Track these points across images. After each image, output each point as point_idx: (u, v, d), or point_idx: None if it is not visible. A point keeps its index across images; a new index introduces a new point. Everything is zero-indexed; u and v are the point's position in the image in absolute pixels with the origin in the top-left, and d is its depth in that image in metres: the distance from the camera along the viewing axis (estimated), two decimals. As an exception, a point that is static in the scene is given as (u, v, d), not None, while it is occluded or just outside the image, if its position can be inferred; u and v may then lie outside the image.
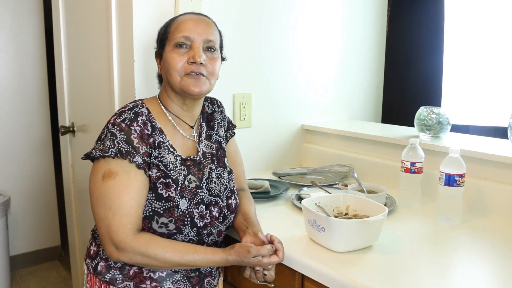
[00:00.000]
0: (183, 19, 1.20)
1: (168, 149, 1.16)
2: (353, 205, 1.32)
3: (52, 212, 3.33)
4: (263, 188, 1.66)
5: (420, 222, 1.42)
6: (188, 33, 1.16)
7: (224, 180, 1.26)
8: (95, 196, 1.10)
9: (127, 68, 1.62)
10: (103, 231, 1.08)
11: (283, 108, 2.06)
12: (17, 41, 3.04)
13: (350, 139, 1.98)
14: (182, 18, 1.20)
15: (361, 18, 2.32)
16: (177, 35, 1.16)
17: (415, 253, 1.19)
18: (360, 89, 2.40)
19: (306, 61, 2.11)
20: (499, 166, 1.48)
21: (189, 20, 1.19)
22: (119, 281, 1.15)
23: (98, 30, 1.81)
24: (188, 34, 1.16)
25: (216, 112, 1.36)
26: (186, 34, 1.16)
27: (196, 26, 1.18)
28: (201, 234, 1.18)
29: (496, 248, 1.23)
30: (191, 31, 1.16)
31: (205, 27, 1.19)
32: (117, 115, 1.13)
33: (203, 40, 1.17)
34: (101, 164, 1.10)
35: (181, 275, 1.18)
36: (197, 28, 1.17)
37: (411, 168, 1.51)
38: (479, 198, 1.51)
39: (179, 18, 1.21)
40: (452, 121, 1.77)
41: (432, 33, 2.27)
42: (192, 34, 1.16)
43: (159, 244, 1.08)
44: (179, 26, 1.18)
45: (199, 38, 1.17)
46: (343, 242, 1.16)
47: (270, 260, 1.10)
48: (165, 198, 1.12)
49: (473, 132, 2.14)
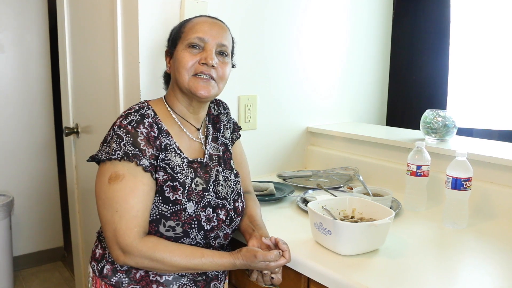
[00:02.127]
0: (199, 20, 1.20)
1: (175, 151, 1.16)
2: (359, 208, 1.31)
3: (55, 213, 3.33)
4: (268, 190, 1.65)
5: (426, 225, 1.42)
6: (202, 35, 1.16)
7: (231, 183, 1.26)
8: (102, 199, 1.09)
9: (133, 69, 1.62)
10: (109, 235, 1.07)
11: (288, 110, 2.05)
12: (22, 42, 3.05)
13: (355, 142, 1.97)
14: (198, 20, 1.20)
15: (366, 20, 2.32)
16: (192, 36, 1.16)
17: (421, 257, 1.18)
18: (365, 91, 2.39)
19: (311, 64, 2.10)
20: (506, 170, 1.48)
21: (204, 22, 1.19)
22: (125, 284, 1.14)
23: (103, 31, 1.81)
24: (202, 36, 1.16)
25: (222, 114, 1.35)
26: (201, 35, 1.16)
27: (211, 29, 1.18)
28: (208, 237, 1.17)
29: (502, 252, 1.22)
30: (206, 33, 1.17)
31: (220, 31, 1.19)
32: (123, 117, 1.12)
33: (216, 43, 1.17)
34: (107, 167, 1.09)
35: (188, 279, 1.18)
36: (212, 31, 1.17)
37: (417, 172, 1.51)
38: (485, 202, 1.50)
39: (195, 20, 1.21)
40: (457, 125, 1.76)
41: (437, 35, 2.26)
42: (206, 36, 1.16)
43: (166, 248, 1.07)
44: (194, 27, 1.18)
45: (213, 41, 1.17)
46: (349, 246, 1.15)
47: (277, 263, 1.09)
48: (172, 201, 1.11)
49: (477, 135, 2.13)
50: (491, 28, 2.13)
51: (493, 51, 2.14)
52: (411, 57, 2.39)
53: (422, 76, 2.35)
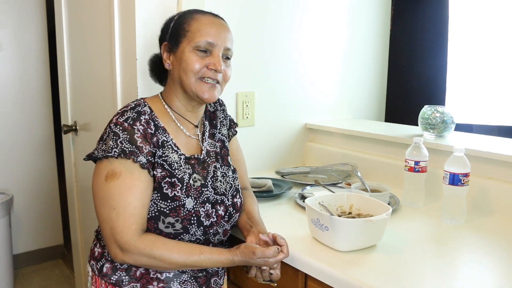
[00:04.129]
0: (205, 21, 1.16)
1: (172, 148, 1.15)
2: (356, 204, 1.31)
3: (55, 210, 3.34)
4: (266, 187, 1.65)
5: (424, 221, 1.42)
6: (212, 39, 1.14)
7: (229, 179, 1.26)
8: (99, 197, 1.09)
9: (130, 66, 1.62)
10: (107, 233, 1.07)
11: (286, 107, 2.05)
12: (20, 40, 3.04)
13: (353, 138, 1.97)
14: (204, 20, 1.17)
15: (365, 17, 2.31)
16: (200, 39, 1.14)
17: (419, 252, 1.18)
18: (364, 88, 2.39)
19: (309, 60, 2.10)
20: (503, 165, 1.48)
21: (212, 24, 1.16)
22: (126, 282, 1.14)
23: (101, 29, 1.81)
24: (211, 40, 1.14)
25: (219, 110, 1.35)
26: (210, 40, 1.14)
27: (219, 33, 1.16)
28: (208, 233, 1.17)
29: (501, 248, 1.23)
30: (215, 37, 1.15)
31: (227, 34, 1.18)
32: (120, 115, 1.12)
33: (223, 48, 1.16)
34: (104, 164, 1.09)
35: (188, 275, 1.18)
36: (221, 35, 1.16)
37: (415, 167, 1.51)
38: (483, 197, 1.50)
39: (200, 18, 1.17)
40: (456, 120, 1.76)
41: (436, 31, 2.25)
42: (215, 41, 1.15)
43: (164, 245, 1.07)
44: (202, 29, 1.15)
45: (222, 46, 1.16)
46: (346, 242, 1.15)
47: (276, 259, 1.09)
48: (171, 198, 1.11)
49: (477, 131, 2.13)
50: (490, 23, 2.12)
51: (491, 47, 2.13)
52: (410, 53, 2.38)
53: (421, 72, 2.35)
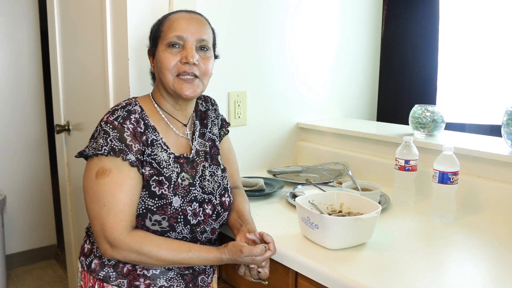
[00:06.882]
0: (176, 17, 1.19)
1: (161, 147, 1.16)
2: (347, 202, 1.32)
3: (48, 210, 3.33)
4: (257, 186, 1.66)
5: (414, 219, 1.43)
6: (180, 33, 1.15)
7: (218, 178, 1.27)
8: (89, 194, 1.10)
9: (122, 66, 1.62)
10: (97, 229, 1.08)
11: (278, 106, 2.06)
12: (12, 39, 3.03)
13: (345, 137, 1.98)
14: (175, 17, 1.19)
15: (356, 16, 2.32)
16: (170, 35, 1.15)
17: (408, 250, 1.19)
18: (355, 87, 2.40)
19: (301, 59, 2.11)
20: (492, 163, 1.49)
21: (181, 18, 1.18)
22: (113, 278, 1.15)
23: (93, 29, 1.81)
24: (180, 34, 1.15)
25: (210, 110, 1.36)
26: (179, 33, 1.15)
27: (189, 25, 1.16)
28: (195, 231, 1.18)
29: (489, 245, 1.24)
30: (184, 30, 1.15)
31: (198, 26, 1.18)
32: (110, 113, 1.13)
33: (196, 39, 1.16)
34: (94, 162, 1.10)
35: (175, 273, 1.18)
36: (190, 28, 1.16)
37: (405, 166, 1.52)
38: (472, 195, 1.52)
39: (172, 17, 1.20)
40: (446, 119, 1.77)
41: (427, 31, 2.27)
42: (185, 34, 1.15)
43: (153, 242, 1.08)
44: (172, 25, 1.17)
45: (192, 37, 1.16)
46: (336, 240, 1.16)
47: (263, 257, 1.10)
48: (158, 196, 1.12)
49: (469, 130, 2.14)
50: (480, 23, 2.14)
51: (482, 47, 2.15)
52: (402, 53, 2.39)
53: (412, 72, 2.36)
